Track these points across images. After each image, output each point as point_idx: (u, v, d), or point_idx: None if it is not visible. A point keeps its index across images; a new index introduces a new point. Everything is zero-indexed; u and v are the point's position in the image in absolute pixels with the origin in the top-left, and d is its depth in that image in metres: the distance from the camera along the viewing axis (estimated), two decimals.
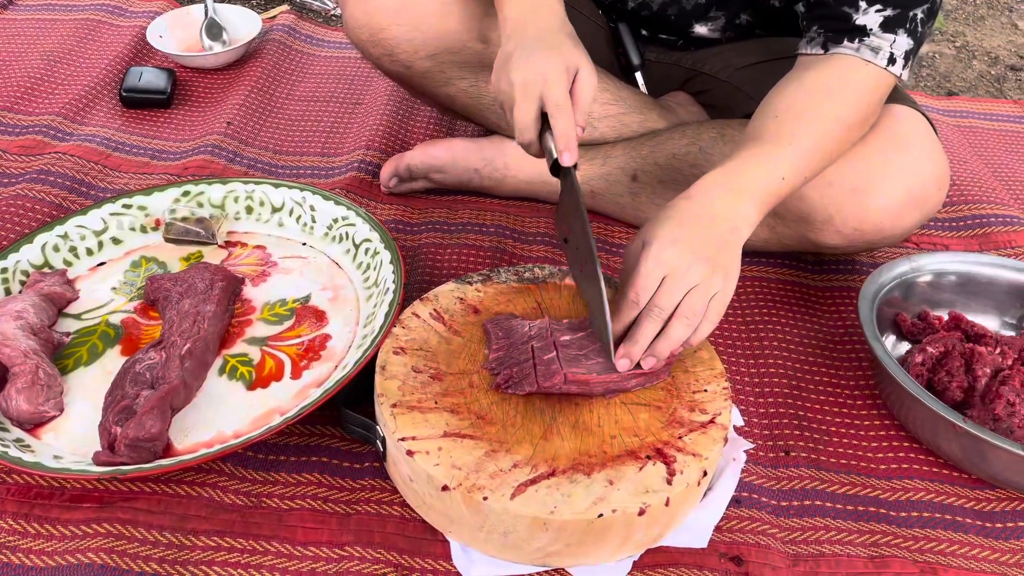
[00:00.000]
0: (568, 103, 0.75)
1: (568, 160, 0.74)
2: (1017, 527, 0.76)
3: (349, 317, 0.88)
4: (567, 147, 0.74)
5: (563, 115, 0.74)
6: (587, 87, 0.76)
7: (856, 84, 0.84)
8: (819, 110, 0.82)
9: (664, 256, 0.72)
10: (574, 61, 0.76)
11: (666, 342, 0.73)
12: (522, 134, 0.77)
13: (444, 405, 0.73)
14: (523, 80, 0.75)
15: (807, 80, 0.84)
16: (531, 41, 0.78)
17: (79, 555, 0.67)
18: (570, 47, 0.78)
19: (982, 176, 1.26)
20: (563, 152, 0.74)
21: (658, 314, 0.72)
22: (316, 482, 0.75)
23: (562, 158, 0.74)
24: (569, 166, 0.75)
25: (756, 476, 0.79)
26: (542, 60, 0.75)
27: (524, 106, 0.75)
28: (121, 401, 0.74)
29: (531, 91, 0.75)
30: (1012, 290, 0.93)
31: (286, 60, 1.42)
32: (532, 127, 0.76)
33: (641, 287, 0.72)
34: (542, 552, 0.67)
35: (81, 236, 0.94)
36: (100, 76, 1.32)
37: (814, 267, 1.06)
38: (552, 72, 0.75)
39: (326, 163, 1.19)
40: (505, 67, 0.78)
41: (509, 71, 0.77)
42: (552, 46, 0.77)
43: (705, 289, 0.72)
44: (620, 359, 0.73)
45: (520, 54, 0.77)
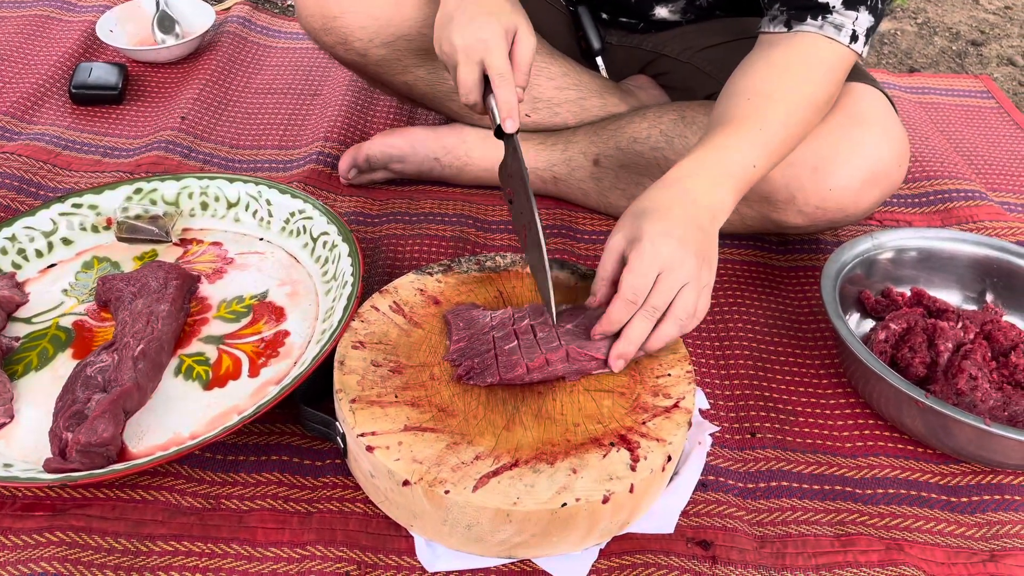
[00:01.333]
0: (509, 70, 0.77)
1: (511, 127, 0.76)
2: (982, 500, 0.77)
3: (308, 312, 0.86)
4: (509, 114, 0.76)
5: (504, 83, 0.76)
6: (526, 49, 0.79)
7: (822, 63, 0.83)
8: (788, 91, 0.82)
9: (659, 252, 0.70)
10: (512, 23, 0.78)
11: (657, 339, 0.73)
12: (466, 96, 0.79)
13: (404, 399, 0.72)
14: (464, 44, 0.77)
15: (775, 59, 0.84)
16: (471, 4, 0.79)
17: (31, 565, 0.65)
18: (508, 10, 0.79)
19: (944, 152, 1.26)
20: (505, 120, 0.76)
21: (652, 313, 0.71)
22: (276, 481, 0.74)
23: (505, 125, 0.76)
24: (512, 132, 0.77)
25: (722, 459, 0.79)
26: (482, 24, 0.77)
27: (466, 70, 0.78)
28: (72, 406, 0.72)
29: (472, 55, 0.77)
30: (973, 264, 0.94)
31: (241, 52, 1.39)
32: (475, 89, 0.79)
33: (638, 286, 0.70)
34: (507, 544, 0.66)
35: (30, 238, 0.92)
36: (49, 73, 1.28)
37: (778, 248, 1.06)
38: (492, 38, 0.76)
39: (284, 156, 1.17)
40: (446, 29, 0.79)
41: (451, 34, 0.78)
42: (491, 11, 0.78)
43: (696, 285, 0.72)
44: (615, 360, 0.73)
45: (460, 17, 0.78)
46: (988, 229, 1.09)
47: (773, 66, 0.83)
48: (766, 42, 0.86)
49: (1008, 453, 0.75)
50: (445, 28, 0.79)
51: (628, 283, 0.71)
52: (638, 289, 0.71)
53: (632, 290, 0.71)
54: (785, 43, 0.84)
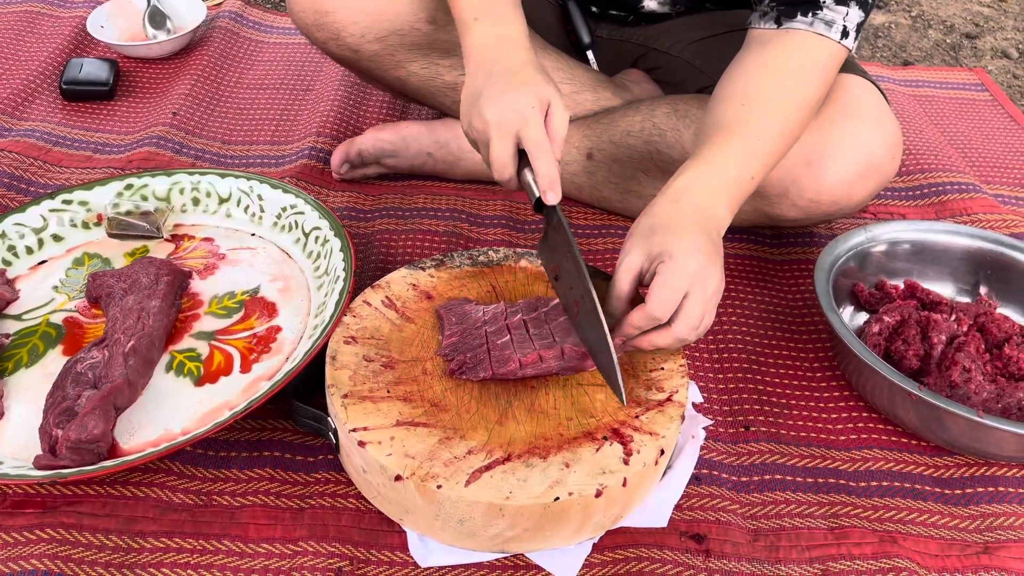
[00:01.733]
0: (547, 141, 0.73)
1: (552, 199, 0.72)
2: (975, 492, 0.76)
3: (300, 307, 0.86)
4: (550, 186, 0.72)
5: (544, 154, 0.72)
6: (560, 121, 0.75)
7: (815, 62, 0.83)
8: (783, 94, 0.81)
9: (690, 269, 0.69)
10: (546, 95, 0.74)
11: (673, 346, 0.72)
12: (500, 172, 0.75)
13: (397, 394, 0.71)
14: (498, 118, 0.73)
15: (767, 60, 0.83)
16: (501, 77, 0.75)
17: (22, 562, 0.65)
18: (541, 82, 0.75)
19: (938, 144, 1.26)
20: (547, 192, 0.72)
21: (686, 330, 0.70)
22: (268, 477, 0.73)
23: (546, 197, 0.72)
24: (553, 204, 0.73)
25: (716, 452, 0.79)
26: (516, 97, 0.73)
27: (500, 144, 0.73)
28: (62, 403, 0.72)
29: (507, 129, 0.73)
30: (966, 256, 0.94)
31: (233, 48, 1.38)
32: (511, 165, 0.74)
33: (669, 299, 0.69)
34: (500, 538, 0.66)
35: (20, 234, 0.91)
36: (39, 69, 1.28)
37: (772, 241, 1.06)
38: (528, 110, 0.72)
39: (276, 151, 1.16)
40: (476, 105, 0.75)
41: (482, 109, 0.74)
42: (524, 82, 0.74)
43: (715, 299, 0.71)
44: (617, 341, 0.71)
45: (491, 91, 0.74)
46: (982, 222, 1.08)
47: (766, 68, 0.82)
48: (757, 40, 0.85)
49: (1001, 445, 0.75)
50: (475, 104, 0.75)
51: (656, 296, 0.69)
52: (667, 303, 0.69)
53: (660, 304, 0.69)
54: (776, 42, 0.83)
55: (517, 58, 0.78)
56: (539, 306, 0.78)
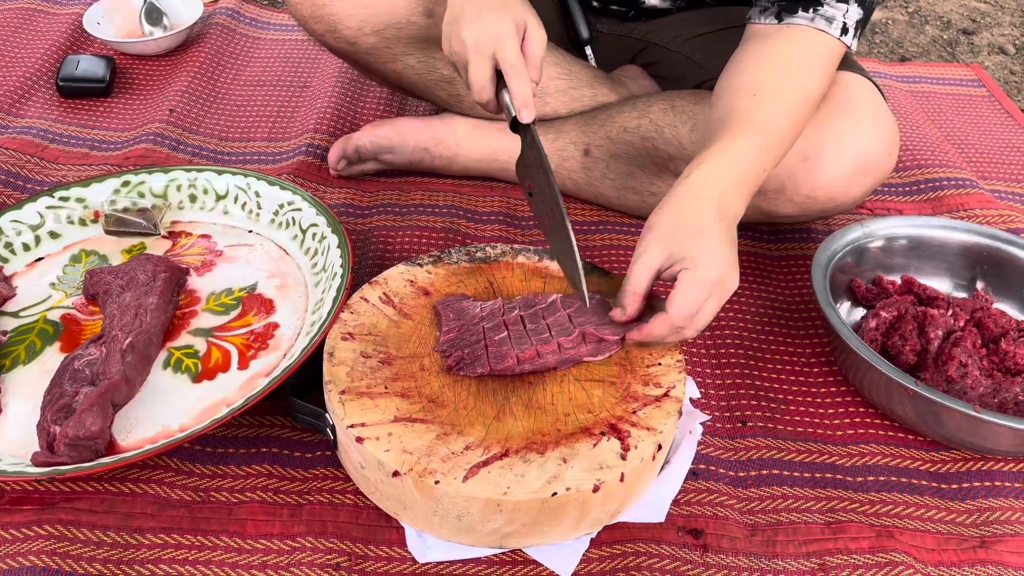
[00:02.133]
0: (522, 61, 0.76)
1: (527, 117, 0.76)
2: (972, 487, 0.77)
3: (297, 304, 0.86)
4: (525, 104, 0.75)
5: (519, 74, 0.75)
6: (537, 42, 0.78)
7: (816, 57, 0.83)
8: (788, 88, 0.81)
9: (711, 277, 0.70)
10: (522, 17, 0.77)
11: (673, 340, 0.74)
12: (479, 93, 0.78)
13: (394, 390, 0.71)
14: (475, 39, 0.76)
15: (770, 53, 0.83)
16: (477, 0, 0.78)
17: (20, 559, 0.65)
18: (517, 4, 0.78)
19: (935, 140, 1.26)
20: (521, 109, 0.75)
21: (696, 330, 0.72)
22: (266, 473, 0.73)
23: (520, 115, 0.76)
24: (528, 122, 0.76)
25: (713, 448, 0.79)
26: (492, 19, 0.76)
27: (478, 65, 0.76)
28: (60, 399, 0.72)
29: (484, 50, 0.76)
30: (963, 252, 0.94)
31: (230, 44, 1.38)
32: (489, 86, 0.78)
33: (690, 309, 0.70)
34: (498, 534, 0.66)
35: (17, 231, 0.91)
36: (36, 66, 1.27)
37: (769, 237, 1.06)
38: (504, 31, 0.75)
39: (273, 148, 1.16)
40: (455, 26, 0.78)
41: (460, 31, 0.77)
42: (501, 5, 0.77)
43: (727, 298, 0.73)
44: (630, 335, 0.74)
45: (469, 12, 0.77)
46: (979, 217, 1.09)
47: (770, 61, 0.83)
48: (758, 34, 0.85)
49: (998, 440, 0.75)
50: (454, 26, 0.78)
51: (679, 307, 0.70)
52: (690, 313, 0.70)
53: (683, 315, 0.70)
54: (778, 36, 0.83)
55: None
56: (536, 302, 0.78)
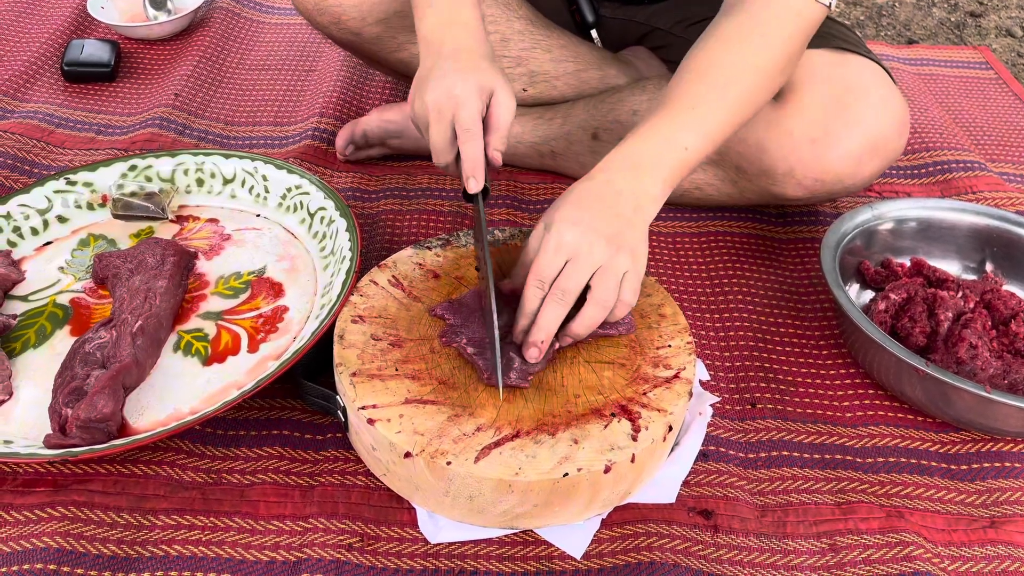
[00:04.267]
0: (477, 127, 0.72)
1: (473, 187, 0.73)
2: (981, 468, 0.77)
3: (306, 287, 0.86)
4: (472, 173, 0.72)
5: (470, 140, 0.72)
6: (504, 109, 0.74)
7: (775, 23, 0.79)
8: (729, 63, 0.78)
9: (565, 238, 0.69)
10: (489, 83, 0.74)
11: (581, 324, 0.71)
12: (437, 156, 0.75)
13: (405, 372, 0.71)
14: (435, 101, 0.73)
15: (721, 28, 0.80)
16: (446, 61, 0.75)
17: (34, 540, 0.65)
18: (485, 68, 0.75)
19: (943, 123, 1.26)
20: (468, 178, 0.72)
21: (562, 296, 0.69)
22: (278, 455, 0.74)
23: (467, 184, 0.73)
24: (476, 192, 0.73)
25: (723, 429, 0.79)
26: (455, 81, 0.73)
27: (437, 128, 0.74)
28: (71, 382, 0.72)
29: (444, 113, 0.73)
30: (973, 234, 0.93)
31: (235, 28, 1.38)
32: (447, 150, 0.75)
33: (543, 272, 0.69)
34: (509, 514, 0.66)
35: (25, 215, 0.91)
36: (40, 51, 1.27)
37: (777, 219, 1.06)
38: (463, 94, 0.72)
39: (279, 132, 1.16)
40: (420, 88, 0.75)
41: (424, 92, 0.74)
42: (466, 67, 0.74)
43: (612, 269, 0.69)
44: (529, 349, 0.70)
45: (436, 73, 0.74)
46: (987, 200, 1.08)
47: (719, 36, 0.79)
48: (722, 10, 0.82)
49: (1008, 420, 0.75)
50: (419, 86, 0.76)
51: (534, 269, 0.70)
52: (542, 275, 0.69)
53: (537, 276, 0.70)
54: (738, 8, 0.80)
55: (463, 43, 0.77)
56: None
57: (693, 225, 1.04)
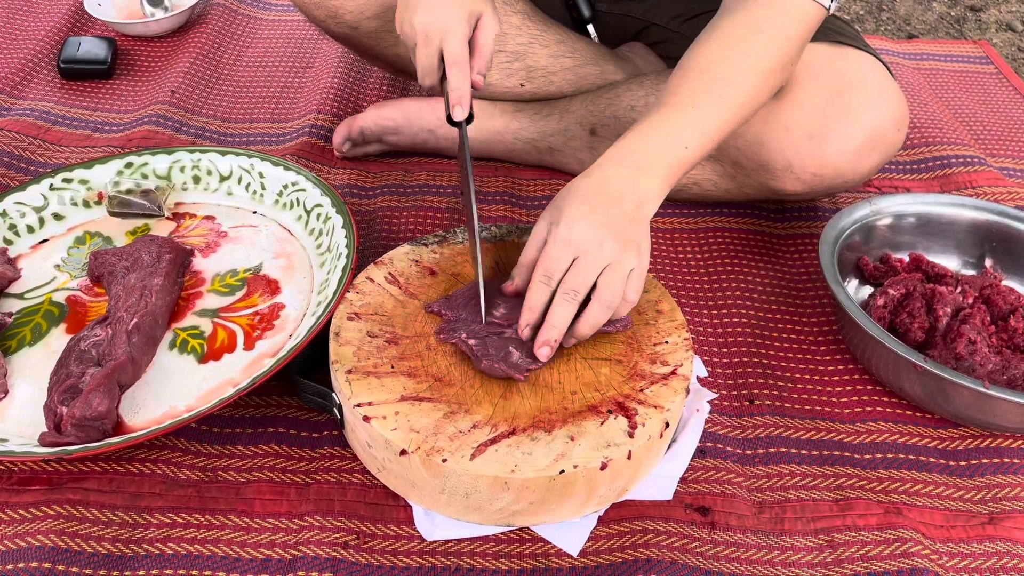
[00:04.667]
0: (464, 55, 0.74)
1: (459, 115, 0.74)
2: (980, 464, 0.76)
3: (303, 285, 0.85)
4: (458, 101, 0.74)
5: (458, 69, 0.74)
6: (488, 34, 0.76)
7: (775, 24, 0.79)
8: (729, 61, 0.78)
9: (574, 234, 0.69)
10: (476, 8, 0.75)
11: (586, 324, 0.70)
12: (423, 78, 0.77)
13: (401, 369, 0.71)
14: (423, 25, 0.74)
15: (722, 27, 0.79)
16: None
17: (29, 538, 0.65)
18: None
19: (943, 118, 1.25)
20: (455, 106, 0.74)
21: (572, 297, 0.69)
22: (274, 453, 0.73)
23: (453, 112, 0.74)
24: (460, 120, 0.74)
25: (721, 426, 0.78)
26: (444, 6, 0.74)
27: (425, 52, 0.75)
28: (66, 380, 0.72)
29: (431, 38, 0.74)
30: (972, 229, 0.93)
31: (232, 25, 1.37)
32: (434, 72, 0.77)
33: (551, 267, 0.69)
34: (505, 512, 0.66)
35: (21, 213, 0.91)
36: (37, 48, 1.27)
37: (776, 215, 1.05)
38: (452, 21, 0.73)
39: (276, 129, 1.15)
40: (409, 9, 0.76)
41: (412, 15, 0.75)
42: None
43: (619, 268, 0.69)
44: (540, 347, 0.70)
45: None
46: (987, 194, 1.08)
47: (719, 36, 0.79)
48: (722, 8, 0.82)
49: (1007, 416, 0.75)
50: (408, 8, 0.76)
51: (541, 265, 0.70)
52: (550, 271, 0.69)
53: (544, 272, 0.69)
54: (739, 7, 0.80)
55: None
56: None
57: (691, 221, 1.03)
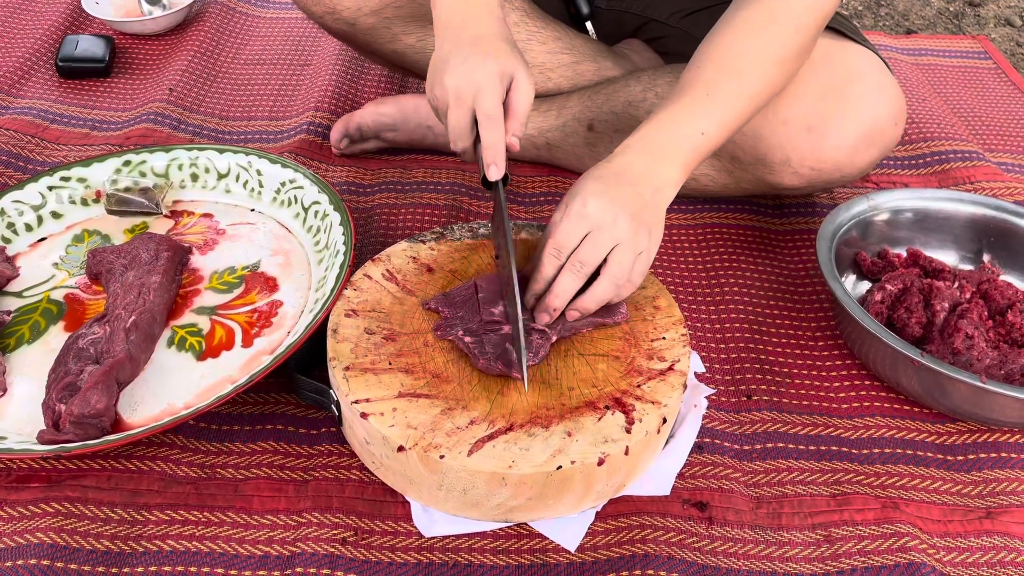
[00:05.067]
0: (499, 114, 0.72)
1: (494, 175, 0.72)
2: (978, 459, 0.76)
3: (300, 282, 0.85)
4: (493, 159, 0.72)
5: (492, 127, 0.71)
6: (523, 95, 0.73)
7: (790, 14, 0.79)
8: (744, 52, 0.79)
9: (588, 210, 0.70)
10: (510, 68, 0.73)
11: (591, 298, 0.72)
12: (455, 142, 0.75)
13: (398, 366, 0.71)
14: (456, 86, 0.72)
15: (737, 17, 0.80)
16: (467, 46, 0.74)
17: (27, 535, 0.65)
18: (507, 53, 0.74)
19: (941, 113, 1.25)
20: (489, 165, 0.72)
21: (579, 268, 0.70)
22: (272, 450, 0.73)
23: (488, 172, 0.72)
24: (496, 180, 0.73)
25: (718, 421, 0.79)
26: (476, 66, 0.72)
27: (457, 113, 0.73)
28: (64, 378, 0.72)
29: (464, 98, 0.72)
30: (969, 224, 0.93)
31: (230, 23, 1.37)
32: (466, 135, 0.74)
33: (562, 240, 0.70)
34: (503, 508, 0.66)
35: (19, 212, 0.91)
36: (35, 46, 1.27)
37: (774, 210, 1.05)
38: (485, 79, 0.71)
39: (274, 127, 1.15)
40: (439, 71, 0.74)
41: (443, 76, 0.73)
42: (488, 51, 0.73)
43: (631, 246, 0.70)
44: (541, 313, 0.72)
45: (455, 59, 0.73)
46: (985, 190, 1.08)
47: (734, 26, 0.80)
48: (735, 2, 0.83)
49: (1004, 411, 0.75)
50: (438, 70, 0.75)
51: (552, 239, 0.71)
52: (561, 244, 0.70)
53: (555, 245, 0.71)
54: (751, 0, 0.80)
55: (484, 27, 0.76)
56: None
57: (688, 216, 1.03)
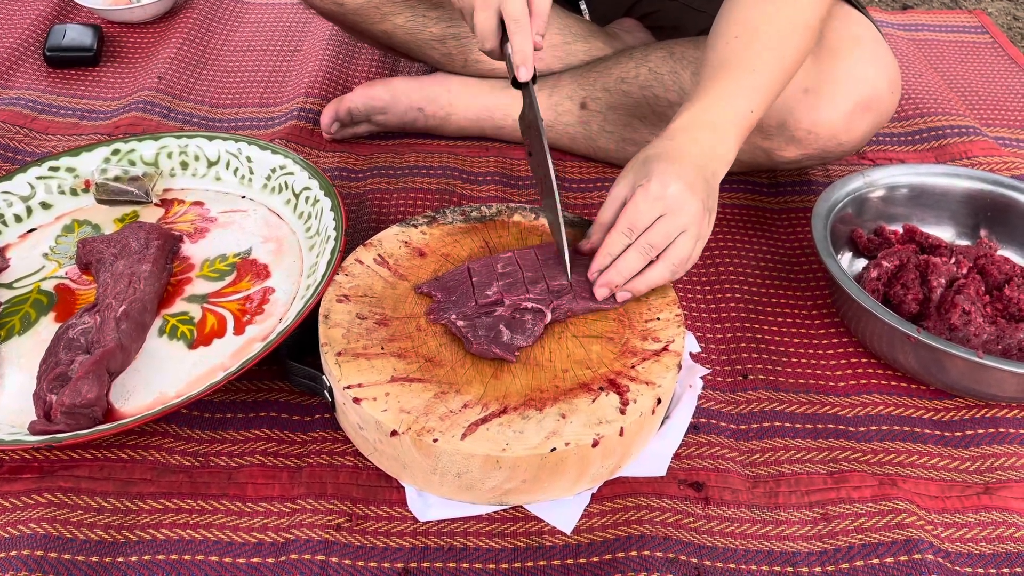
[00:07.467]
0: (525, 16, 0.73)
1: (523, 75, 0.74)
2: (975, 434, 0.76)
3: (292, 269, 0.85)
4: (523, 62, 0.73)
5: (519, 30, 0.73)
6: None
7: None
8: (777, 21, 0.79)
9: (669, 190, 0.70)
10: None
11: (644, 281, 0.72)
12: (483, 42, 0.76)
13: (391, 350, 0.71)
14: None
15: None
16: None
17: (20, 527, 0.65)
18: None
19: (937, 88, 1.24)
20: (519, 67, 0.73)
21: (647, 250, 0.71)
22: (265, 437, 0.73)
23: (518, 73, 0.74)
24: (525, 80, 0.74)
25: (714, 401, 0.78)
26: None
27: (483, 15, 0.74)
28: (55, 368, 0.71)
29: (490, 1, 0.73)
30: (966, 199, 0.92)
31: (219, 10, 1.36)
32: (493, 36, 0.75)
33: (635, 219, 0.70)
34: (498, 491, 0.66)
35: (8, 203, 0.90)
36: (22, 36, 1.26)
37: (769, 189, 1.04)
38: None
39: (265, 113, 1.14)
40: None
41: None
42: None
43: (695, 233, 0.71)
44: (600, 287, 0.72)
45: None
46: (982, 164, 1.07)
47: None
48: None
49: (1002, 385, 0.74)
50: None
51: (627, 215, 0.71)
52: (635, 223, 0.70)
53: (629, 223, 0.70)
54: None
55: None
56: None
57: None
